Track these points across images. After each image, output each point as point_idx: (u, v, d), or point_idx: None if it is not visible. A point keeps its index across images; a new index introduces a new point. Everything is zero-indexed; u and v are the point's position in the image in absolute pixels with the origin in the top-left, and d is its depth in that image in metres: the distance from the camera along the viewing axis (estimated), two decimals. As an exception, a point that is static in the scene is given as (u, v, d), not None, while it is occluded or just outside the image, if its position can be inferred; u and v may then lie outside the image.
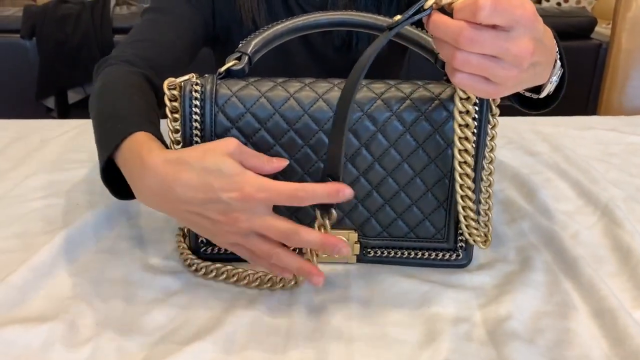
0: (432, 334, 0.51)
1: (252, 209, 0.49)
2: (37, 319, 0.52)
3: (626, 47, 1.32)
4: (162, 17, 0.81)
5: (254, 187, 0.48)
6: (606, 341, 0.50)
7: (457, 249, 0.61)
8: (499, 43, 0.42)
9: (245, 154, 0.51)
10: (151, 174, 0.51)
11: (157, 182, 0.51)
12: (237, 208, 0.49)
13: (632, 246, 0.63)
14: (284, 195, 0.48)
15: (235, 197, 0.48)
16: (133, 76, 0.69)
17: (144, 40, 0.77)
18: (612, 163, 0.89)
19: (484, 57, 0.42)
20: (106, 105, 0.63)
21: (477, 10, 0.40)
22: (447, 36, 0.42)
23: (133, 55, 0.72)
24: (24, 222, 0.69)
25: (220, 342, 0.49)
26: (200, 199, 0.49)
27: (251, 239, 0.51)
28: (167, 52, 0.76)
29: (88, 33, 2.16)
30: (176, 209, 0.52)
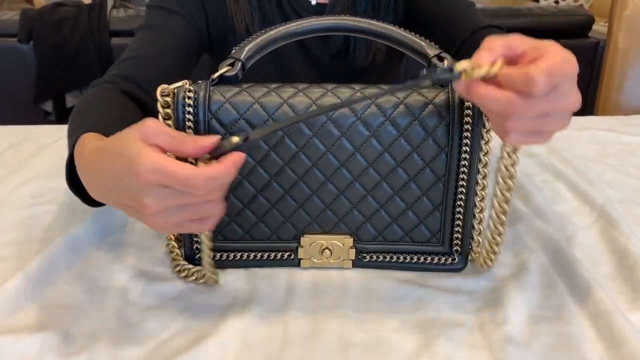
0: (428, 340, 0.51)
1: (154, 192, 0.43)
2: (31, 327, 0.52)
3: (623, 47, 1.32)
4: (151, 34, 0.80)
5: (146, 169, 0.42)
6: (602, 344, 0.50)
7: (453, 253, 0.61)
8: (550, 104, 0.42)
9: (162, 135, 0.44)
10: (83, 169, 0.50)
11: (88, 175, 0.50)
12: (142, 193, 0.43)
13: (629, 248, 0.63)
14: (178, 183, 0.42)
15: (133, 181, 0.43)
16: (106, 91, 0.69)
17: (130, 58, 0.76)
18: (609, 164, 0.89)
19: (535, 117, 0.43)
20: (72, 121, 0.62)
21: (531, 86, 0.40)
22: (497, 108, 0.43)
23: (115, 76, 0.73)
24: (19, 229, 0.69)
25: (214, 351, 0.49)
26: (118, 187, 0.46)
27: (174, 215, 0.45)
28: (152, 68, 0.76)
29: (85, 36, 2.16)
30: (112, 200, 0.48)
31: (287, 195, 0.58)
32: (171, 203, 0.44)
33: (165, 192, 0.43)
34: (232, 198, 0.58)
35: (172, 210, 0.44)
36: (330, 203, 0.59)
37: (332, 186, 0.58)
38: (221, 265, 0.61)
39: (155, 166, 0.42)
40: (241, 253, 0.61)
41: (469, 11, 0.83)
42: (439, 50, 0.57)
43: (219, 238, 0.60)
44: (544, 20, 2.24)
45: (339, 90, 0.56)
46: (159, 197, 0.43)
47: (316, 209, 0.59)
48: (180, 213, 0.45)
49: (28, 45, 2.18)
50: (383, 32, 0.59)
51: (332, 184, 0.58)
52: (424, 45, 0.58)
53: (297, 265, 0.61)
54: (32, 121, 1.05)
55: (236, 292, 0.58)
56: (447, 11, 0.83)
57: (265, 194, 0.58)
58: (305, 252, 0.60)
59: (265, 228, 0.60)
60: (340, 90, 0.56)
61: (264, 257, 0.61)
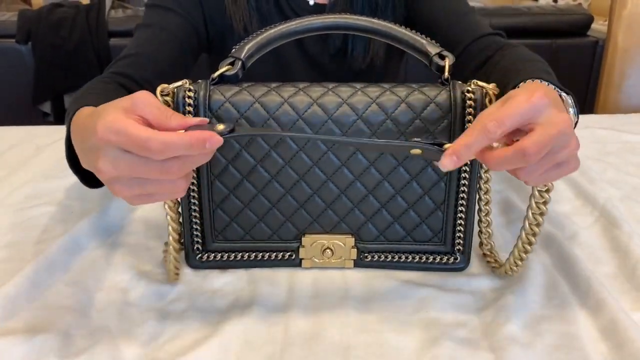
0: (430, 340, 0.51)
1: (110, 155, 0.41)
2: (31, 329, 0.51)
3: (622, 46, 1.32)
4: (148, 33, 0.80)
5: (105, 126, 0.40)
6: (606, 344, 0.50)
7: (455, 252, 0.61)
8: (553, 160, 0.44)
9: (151, 107, 0.42)
10: (73, 135, 0.49)
11: (75, 141, 0.48)
12: (99, 152, 0.42)
13: (630, 247, 0.63)
14: (134, 144, 0.40)
15: (93, 140, 0.42)
16: (102, 83, 0.69)
17: (127, 56, 0.76)
18: (609, 162, 0.89)
19: (547, 169, 0.45)
20: (70, 106, 0.62)
21: (527, 160, 0.42)
22: (509, 166, 0.44)
23: (112, 73, 0.72)
24: (18, 230, 0.68)
25: (215, 352, 0.49)
26: (85, 148, 0.45)
27: (134, 186, 0.43)
28: (150, 66, 0.76)
29: (84, 37, 2.15)
30: (87, 164, 0.47)
31: (288, 195, 0.58)
32: (126, 171, 0.41)
33: (121, 157, 0.41)
34: (232, 198, 0.58)
35: (132, 181, 0.42)
36: (332, 203, 0.58)
37: (333, 186, 0.58)
38: (222, 265, 0.61)
39: (114, 124, 0.40)
40: (242, 253, 0.60)
41: (469, 18, 0.83)
42: (439, 48, 0.57)
43: (219, 238, 0.60)
44: (542, 19, 2.24)
45: (339, 89, 0.56)
46: (114, 162, 0.41)
47: (317, 208, 0.59)
48: (141, 185, 0.43)
49: (26, 46, 2.18)
50: (383, 30, 0.58)
51: (333, 183, 0.58)
52: (425, 43, 0.57)
53: (299, 266, 0.61)
54: (31, 122, 1.05)
55: (237, 293, 0.57)
56: (447, 19, 0.82)
57: (265, 193, 0.58)
58: (307, 252, 0.60)
59: (266, 228, 0.60)
60: (340, 89, 0.56)
61: (264, 258, 0.60)
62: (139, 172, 0.42)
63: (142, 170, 0.41)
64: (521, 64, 0.64)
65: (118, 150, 0.41)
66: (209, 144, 0.41)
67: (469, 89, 0.55)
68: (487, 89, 0.55)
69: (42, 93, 2.21)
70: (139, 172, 0.41)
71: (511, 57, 0.69)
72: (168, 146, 0.40)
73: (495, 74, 0.66)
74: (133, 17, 2.21)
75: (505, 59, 0.69)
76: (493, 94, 0.55)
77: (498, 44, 0.76)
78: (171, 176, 0.42)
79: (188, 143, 0.40)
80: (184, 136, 0.41)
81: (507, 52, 0.72)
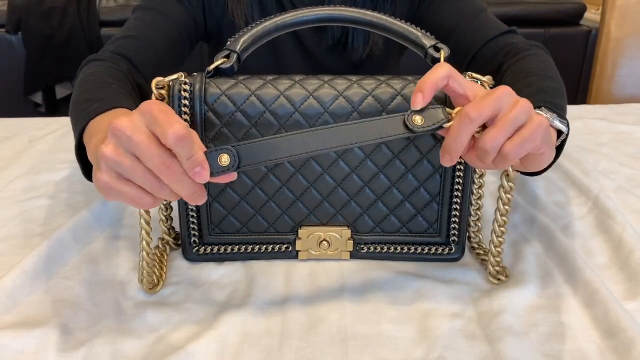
0: (426, 330, 0.51)
1: (113, 141, 0.42)
2: (29, 323, 0.51)
3: (615, 36, 1.32)
4: (148, 16, 0.80)
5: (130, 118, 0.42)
6: (598, 334, 0.51)
7: (450, 243, 0.61)
8: (506, 121, 0.44)
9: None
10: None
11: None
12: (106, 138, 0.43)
13: (624, 237, 0.64)
14: (159, 119, 0.41)
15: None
16: (112, 70, 0.69)
17: (126, 37, 0.76)
18: (603, 153, 0.89)
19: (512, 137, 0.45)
20: (84, 92, 0.62)
21: (470, 120, 0.44)
22: (465, 138, 0.45)
23: (112, 54, 0.72)
24: (13, 224, 0.68)
25: (213, 344, 0.49)
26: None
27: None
28: (148, 50, 0.76)
29: (74, 27, 2.13)
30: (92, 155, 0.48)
31: (284, 188, 0.58)
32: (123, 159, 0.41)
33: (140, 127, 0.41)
34: (228, 191, 0.58)
35: (124, 166, 0.42)
36: (328, 195, 0.59)
37: (329, 178, 0.58)
38: (219, 258, 0.61)
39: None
40: (239, 246, 0.61)
41: (482, 18, 0.81)
42: (435, 40, 0.57)
43: (216, 231, 0.60)
44: (535, 8, 2.24)
45: (335, 81, 0.56)
46: (115, 147, 0.42)
47: (313, 201, 0.59)
48: (130, 174, 0.42)
49: (16, 36, 2.16)
50: (378, 23, 0.58)
51: (329, 176, 0.58)
52: (420, 35, 0.57)
53: (295, 258, 0.61)
54: (22, 112, 1.04)
55: (234, 285, 0.58)
56: (460, 22, 0.81)
57: (262, 186, 0.58)
58: (303, 244, 0.60)
59: (263, 221, 0.60)
60: (336, 82, 0.56)
61: (261, 250, 0.61)
62: (143, 151, 0.41)
63: (147, 152, 0.41)
64: (519, 85, 0.63)
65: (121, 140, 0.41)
66: (199, 168, 0.41)
67: (465, 81, 0.55)
68: (482, 80, 0.55)
69: (33, 83, 2.19)
70: (143, 150, 0.41)
71: (515, 71, 0.68)
72: (184, 138, 0.40)
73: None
74: (124, 6, 2.19)
75: (509, 73, 0.69)
76: (488, 86, 0.55)
77: (510, 46, 0.75)
78: (163, 172, 0.41)
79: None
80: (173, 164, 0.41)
81: (513, 63, 0.70)
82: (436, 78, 0.45)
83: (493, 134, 0.44)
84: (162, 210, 0.60)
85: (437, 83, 0.45)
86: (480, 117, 0.44)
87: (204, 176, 0.42)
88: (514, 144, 0.44)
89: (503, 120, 0.44)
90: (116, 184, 0.42)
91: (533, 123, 0.45)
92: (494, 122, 0.44)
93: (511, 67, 0.70)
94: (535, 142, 0.45)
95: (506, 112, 0.44)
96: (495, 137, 0.44)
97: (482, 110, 0.44)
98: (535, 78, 0.64)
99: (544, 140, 0.47)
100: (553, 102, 0.58)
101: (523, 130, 0.45)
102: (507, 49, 0.75)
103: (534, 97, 0.57)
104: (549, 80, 0.64)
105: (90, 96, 0.60)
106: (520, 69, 0.68)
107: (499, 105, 0.44)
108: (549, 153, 0.49)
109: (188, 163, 0.41)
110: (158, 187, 0.42)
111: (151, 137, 0.41)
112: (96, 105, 0.56)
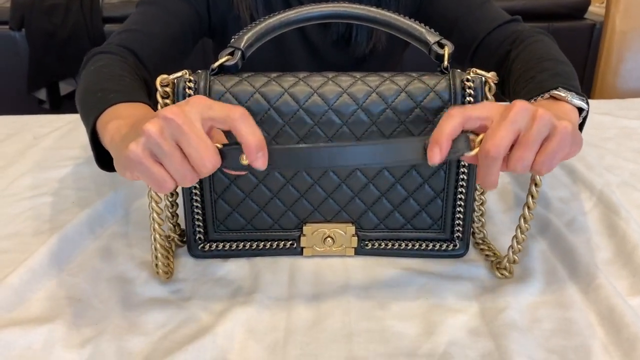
0: (431, 327, 0.52)
1: (158, 122, 0.43)
2: (36, 320, 0.52)
3: (620, 29, 1.32)
4: (152, 10, 0.80)
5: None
6: (603, 329, 0.51)
7: (454, 239, 0.61)
8: (529, 139, 0.44)
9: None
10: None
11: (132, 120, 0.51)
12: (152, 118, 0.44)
13: (628, 233, 0.64)
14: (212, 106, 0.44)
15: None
16: (122, 63, 0.69)
17: (131, 30, 0.76)
18: (607, 148, 0.89)
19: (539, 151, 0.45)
20: (96, 82, 0.62)
21: (492, 156, 0.44)
22: (493, 169, 0.45)
23: (118, 47, 0.72)
24: (19, 221, 0.68)
25: (219, 340, 0.50)
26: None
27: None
28: (152, 44, 0.76)
29: (78, 23, 2.13)
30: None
31: (289, 185, 0.58)
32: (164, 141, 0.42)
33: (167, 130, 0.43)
34: (233, 188, 0.58)
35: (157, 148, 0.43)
36: (332, 192, 0.59)
37: (333, 175, 0.58)
38: (224, 255, 0.61)
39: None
40: (244, 242, 0.61)
41: (485, 8, 0.81)
42: (439, 37, 0.57)
43: (221, 228, 0.60)
44: (539, 2, 2.23)
45: (339, 78, 0.56)
46: (161, 128, 0.43)
47: (318, 197, 0.59)
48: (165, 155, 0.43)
49: (20, 33, 2.16)
50: (382, 19, 0.58)
51: (333, 172, 0.58)
52: (424, 32, 0.57)
53: (300, 254, 0.62)
54: (26, 109, 1.05)
55: (240, 282, 0.58)
56: (464, 13, 0.81)
57: (266, 183, 0.58)
58: (308, 240, 0.61)
59: (268, 217, 0.60)
60: (340, 79, 0.56)
61: (266, 247, 0.61)
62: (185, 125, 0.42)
63: (188, 127, 0.42)
64: (533, 71, 0.63)
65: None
66: (261, 153, 0.43)
67: (469, 78, 0.55)
68: (486, 77, 0.55)
69: (36, 80, 2.20)
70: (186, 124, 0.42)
71: (525, 58, 0.68)
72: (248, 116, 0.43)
73: (511, 78, 0.68)
74: (128, 2, 2.19)
75: (519, 60, 0.69)
76: (492, 82, 0.55)
77: (516, 34, 0.75)
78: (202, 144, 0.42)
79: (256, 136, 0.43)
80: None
81: (522, 50, 0.70)
82: (451, 129, 0.44)
83: (519, 155, 0.44)
84: (167, 207, 0.61)
85: (452, 134, 0.45)
86: (501, 152, 0.44)
87: (264, 162, 0.43)
88: (545, 159, 0.45)
89: (526, 139, 0.44)
90: (147, 161, 0.43)
91: (558, 133, 0.45)
92: (517, 142, 0.44)
93: (520, 54, 0.70)
94: (565, 150, 0.46)
95: (527, 130, 0.44)
96: (522, 158, 0.44)
97: (500, 145, 0.43)
98: (548, 63, 0.64)
99: (574, 142, 0.47)
100: (569, 83, 0.58)
101: (551, 142, 0.45)
102: (514, 37, 0.75)
103: (550, 81, 0.58)
104: (561, 65, 0.64)
105: (105, 86, 0.60)
106: (530, 55, 0.68)
107: (517, 127, 0.44)
108: (578, 148, 0.49)
109: (255, 139, 0.42)
110: (184, 176, 0.43)
111: (200, 129, 0.43)
112: (112, 95, 0.57)
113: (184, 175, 0.44)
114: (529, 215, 0.56)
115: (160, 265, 0.57)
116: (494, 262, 0.60)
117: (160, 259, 0.57)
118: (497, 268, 0.59)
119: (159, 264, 0.57)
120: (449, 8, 0.84)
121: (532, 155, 0.45)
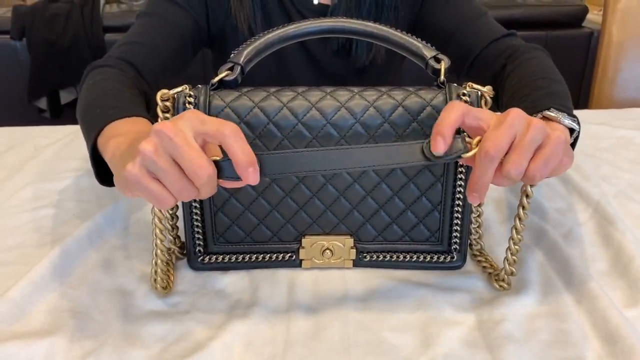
0: (428, 339, 0.52)
1: (154, 139, 0.44)
2: (37, 333, 0.52)
3: (617, 39, 1.33)
4: (152, 22, 0.81)
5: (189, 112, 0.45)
6: (599, 341, 0.51)
7: (452, 251, 0.62)
8: (524, 145, 0.45)
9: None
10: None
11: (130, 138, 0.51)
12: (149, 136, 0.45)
13: (624, 244, 0.64)
14: (208, 122, 0.44)
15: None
16: (121, 77, 0.70)
17: (131, 43, 0.77)
18: (603, 158, 0.90)
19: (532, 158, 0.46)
20: (97, 98, 0.63)
21: (490, 156, 0.45)
22: (490, 170, 0.46)
23: (118, 60, 0.73)
24: (20, 233, 0.69)
25: (219, 353, 0.50)
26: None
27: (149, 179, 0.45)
28: (152, 56, 0.77)
29: (78, 32, 2.15)
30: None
31: (288, 198, 0.59)
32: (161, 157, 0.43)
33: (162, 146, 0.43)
34: (233, 201, 0.59)
35: (156, 167, 0.43)
36: (331, 204, 0.59)
37: (332, 188, 0.59)
38: (224, 267, 0.62)
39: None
40: (243, 255, 0.61)
41: (482, 22, 0.82)
42: (435, 51, 0.58)
43: (220, 241, 0.61)
44: (537, 11, 2.25)
45: (337, 93, 0.57)
46: (156, 146, 0.43)
47: (317, 210, 0.60)
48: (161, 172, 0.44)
49: (21, 42, 2.17)
50: (379, 34, 0.59)
51: (332, 185, 0.59)
52: (421, 46, 0.58)
53: (299, 266, 0.62)
54: (27, 118, 1.06)
55: (239, 294, 0.58)
56: (461, 25, 0.82)
57: (265, 196, 0.59)
58: (307, 252, 0.61)
59: (267, 230, 0.61)
60: (338, 93, 0.57)
61: (265, 259, 0.61)
62: (180, 143, 0.43)
63: (183, 147, 0.43)
64: (527, 89, 0.64)
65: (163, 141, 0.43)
66: (252, 169, 0.44)
67: (465, 92, 0.56)
68: (482, 91, 0.56)
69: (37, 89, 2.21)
70: (180, 143, 0.43)
71: (520, 74, 0.69)
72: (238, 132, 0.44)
73: (505, 94, 0.69)
74: (128, 12, 2.21)
75: (513, 76, 0.70)
76: (488, 97, 0.56)
77: (512, 48, 0.76)
78: (196, 173, 0.43)
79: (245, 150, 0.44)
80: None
81: (517, 65, 0.71)
82: (454, 119, 0.46)
83: (514, 159, 0.45)
84: (168, 219, 0.61)
85: (454, 124, 0.46)
86: (500, 152, 0.45)
87: (255, 177, 0.44)
88: (538, 165, 0.46)
89: (521, 144, 0.45)
90: (145, 180, 0.44)
91: (552, 141, 0.46)
92: (512, 147, 0.45)
93: (515, 69, 0.71)
94: (557, 158, 0.47)
95: (523, 135, 0.45)
96: (517, 163, 0.45)
97: (500, 144, 0.45)
98: (542, 82, 0.65)
99: (566, 153, 0.48)
100: (562, 103, 0.59)
101: (544, 149, 0.46)
102: (509, 52, 0.76)
103: (543, 100, 0.59)
104: (555, 84, 0.65)
105: (104, 102, 0.61)
106: (525, 72, 0.69)
107: (513, 131, 0.45)
108: (570, 161, 0.51)
109: (245, 156, 0.43)
110: (181, 190, 0.44)
111: (193, 142, 0.44)
112: (112, 111, 0.58)
113: (181, 190, 0.44)
114: (520, 226, 0.56)
115: (159, 280, 0.57)
116: (492, 274, 0.60)
117: (159, 274, 0.57)
118: (496, 280, 0.59)
119: (158, 279, 0.57)
120: (446, 20, 0.85)
121: (526, 160, 0.46)
